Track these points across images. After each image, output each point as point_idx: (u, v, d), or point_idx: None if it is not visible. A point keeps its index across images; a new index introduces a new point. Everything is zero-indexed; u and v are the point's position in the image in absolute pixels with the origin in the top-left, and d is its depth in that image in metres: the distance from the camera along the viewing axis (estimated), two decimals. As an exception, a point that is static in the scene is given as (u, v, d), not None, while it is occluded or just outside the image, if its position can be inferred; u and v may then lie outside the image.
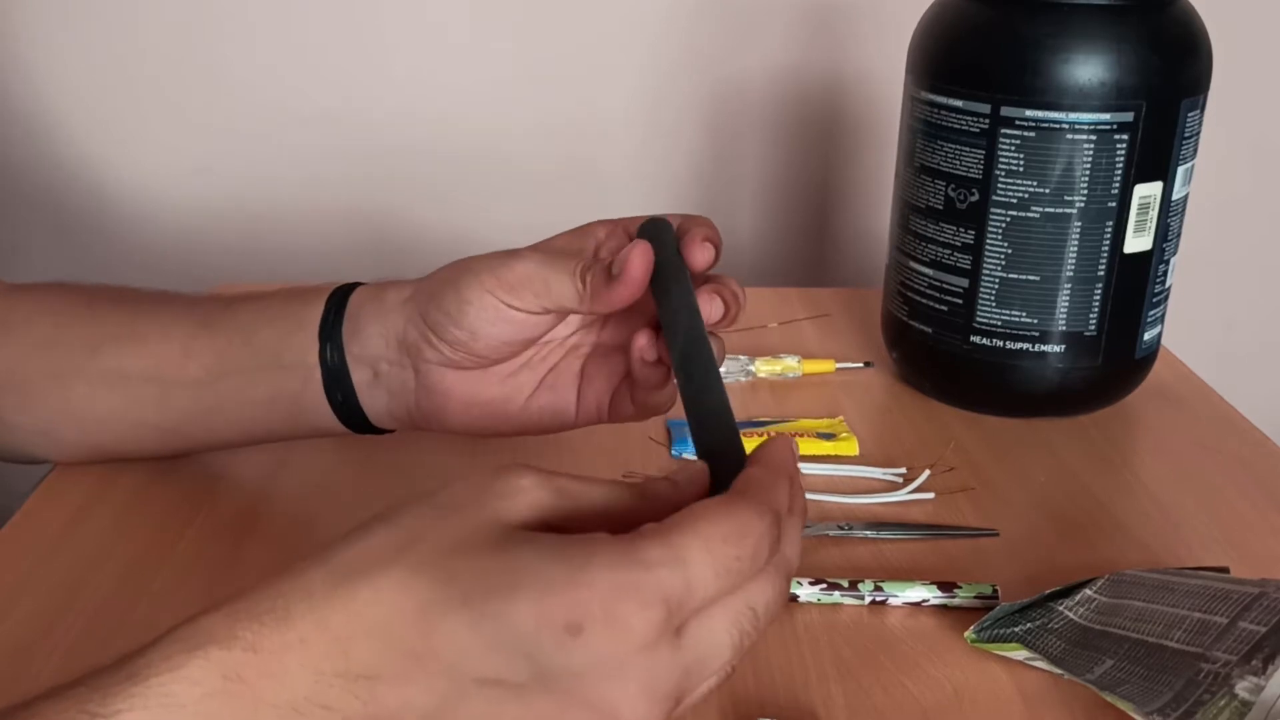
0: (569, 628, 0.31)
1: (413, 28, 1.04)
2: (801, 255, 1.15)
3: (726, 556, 0.32)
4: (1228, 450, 0.71)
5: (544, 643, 0.31)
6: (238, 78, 1.05)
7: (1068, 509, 0.64)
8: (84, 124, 1.06)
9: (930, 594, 0.55)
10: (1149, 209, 0.68)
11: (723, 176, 1.12)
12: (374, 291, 0.55)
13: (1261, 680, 0.43)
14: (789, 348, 0.81)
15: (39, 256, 1.10)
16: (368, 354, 0.54)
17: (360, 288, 0.56)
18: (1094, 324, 0.70)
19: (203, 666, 0.31)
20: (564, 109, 1.08)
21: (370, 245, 1.10)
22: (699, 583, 0.32)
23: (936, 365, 0.75)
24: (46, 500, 0.61)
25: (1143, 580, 0.52)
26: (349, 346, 0.54)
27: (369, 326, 0.54)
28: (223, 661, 0.31)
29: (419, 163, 1.08)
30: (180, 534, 0.59)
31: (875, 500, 0.64)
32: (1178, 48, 0.67)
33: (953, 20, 0.70)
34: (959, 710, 0.49)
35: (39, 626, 0.52)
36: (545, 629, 0.31)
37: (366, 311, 0.54)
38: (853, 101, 1.09)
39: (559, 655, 0.31)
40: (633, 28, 1.06)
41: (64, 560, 0.57)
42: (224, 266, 1.09)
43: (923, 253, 0.72)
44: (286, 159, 1.08)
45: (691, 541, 0.32)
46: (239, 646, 0.32)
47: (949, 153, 0.69)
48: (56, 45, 1.03)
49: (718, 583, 0.32)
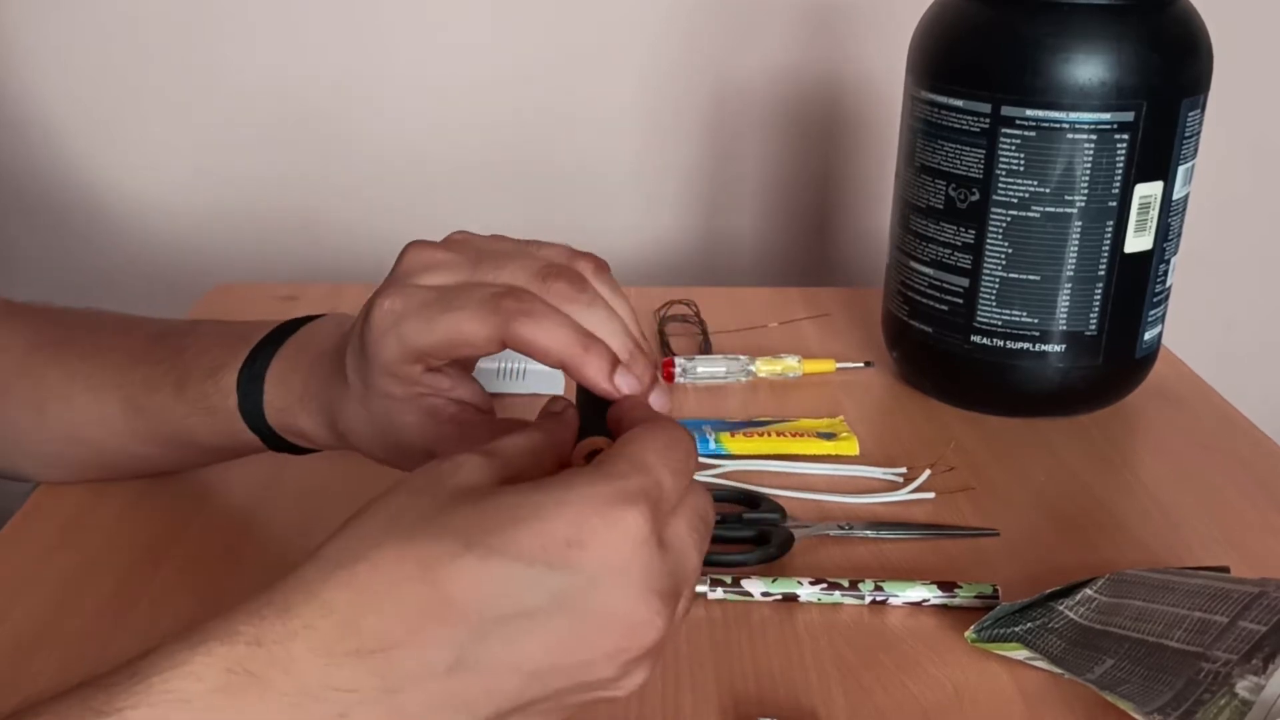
0: (570, 542, 0.33)
1: (412, 29, 1.04)
2: (801, 255, 1.15)
3: (674, 459, 0.36)
4: (1228, 450, 0.71)
5: (551, 562, 0.33)
6: (236, 79, 1.05)
7: (1068, 509, 0.64)
8: (81, 126, 1.06)
9: (931, 594, 0.55)
10: (1149, 209, 0.68)
11: (723, 176, 1.12)
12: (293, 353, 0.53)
13: (1262, 679, 0.43)
14: (789, 347, 0.81)
15: (37, 258, 1.10)
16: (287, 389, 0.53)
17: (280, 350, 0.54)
18: (1094, 324, 0.70)
19: (206, 662, 0.31)
20: (564, 109, 1.08)
21: (370, 245, 1.10)
22: (665, 482, 0.35)
23: (937, 365, 0.75)
24: (45, 502, 0.61)
25: (1143, 580, 0.52)
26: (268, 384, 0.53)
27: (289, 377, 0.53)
28: (226, 656, 0.31)
29: (419, 163, 1.08)
30: (179, 536, 0.59)
31: (875, 500, 0.64)
32: (1178, 47, 0.67)
33: (953, 20, 0.70)
34: (959, 710, 0.49)
35: (39, 626, 0.52)
36: (549, 549, 0.33)
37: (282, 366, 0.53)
38: (853, 101, 1.09)
39: (567, 571, 0.33)
40: (633, 28, 1.06)
41: (63, 561, 0.57)
42: (223, 267, 1.09)
43: (923, 252, 0.72)
44: (286, 159, 1.08)
45: (647, 452, 0.36)
46: (241, 641, 0.32)
47: (949, 152, 0.69)
48: (52, 47, 1.03)
49: (675, 481, 0.36)
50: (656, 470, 0.35)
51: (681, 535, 0.36)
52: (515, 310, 0.41)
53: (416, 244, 0.45)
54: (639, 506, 0.34)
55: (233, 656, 0.32)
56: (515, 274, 0.43)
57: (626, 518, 0.34)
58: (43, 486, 0.62)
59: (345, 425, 0.49)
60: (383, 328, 0.44)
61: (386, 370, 0.45)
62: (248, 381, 0.53)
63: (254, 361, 0.53)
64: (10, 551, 0.57)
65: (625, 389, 0.41)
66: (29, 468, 0.61)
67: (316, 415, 0.51)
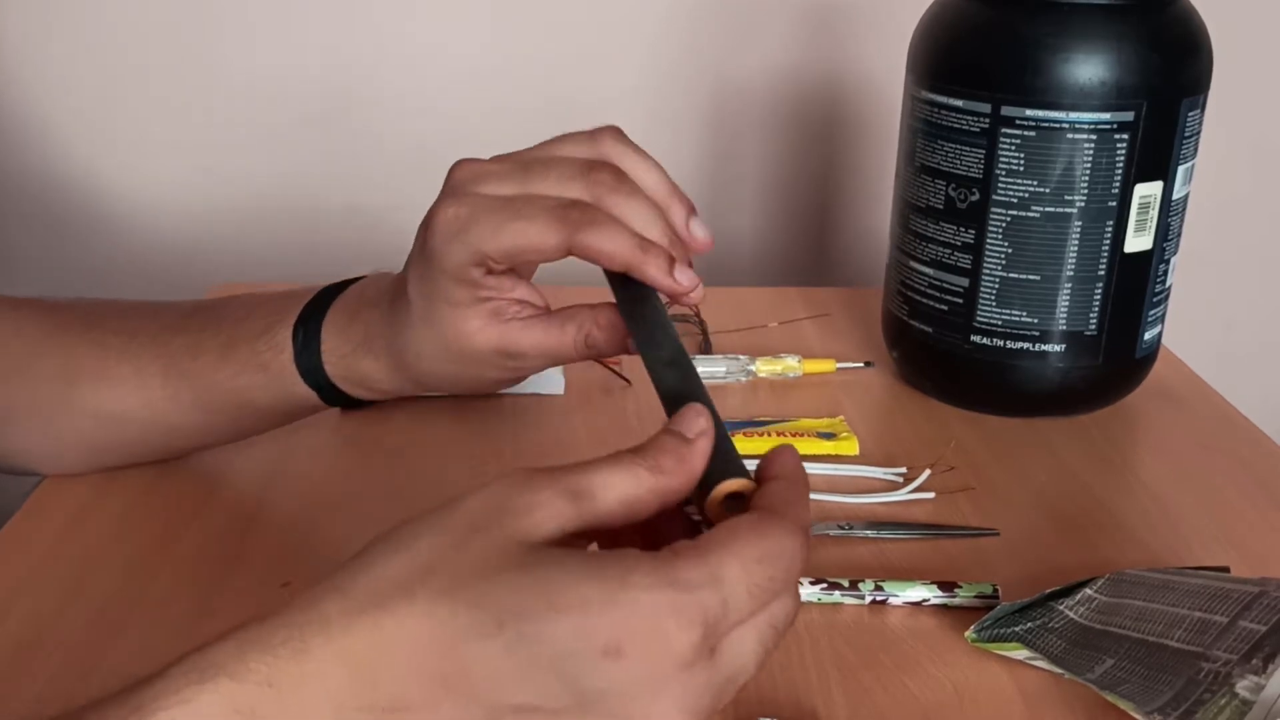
0: (608, 650, 0.30)
1: (412, 29, 1.04)
2: (801, 255, 1.15)
3: (761, 576, 0.32)
4: (1228, 450, 0.71)
5: (583, 665, 0.30)
6: (236, 78, 1.05)
7: (1068, 509, 0.64)
8: (81, 126, 1.06)
9: (931, 594, 0.55)
10: (1149, 208, 0.68)
11: (723, 176, 1.12)
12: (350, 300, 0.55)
13: (1262, 679, 0.43)
14: (789, 347, 0.81)
15: (37, 258, 1.10)
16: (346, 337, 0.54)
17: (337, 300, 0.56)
18: (1094, 323, 0.70)
19: (213, 701, 0.30)
20: (564, 109, 1.08)
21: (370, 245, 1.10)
22: (734, 603, 0.32)
23: (937, 365, 0.75)
24: (47, 500, 0.61)
25: (1143, 579, 0.52)
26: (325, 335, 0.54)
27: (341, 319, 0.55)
28: (234, 695, 0.30)
29: (419, 163, 1.08)
30: (180, 533, 0.59)
31: (876, 500, 0.64)
32: (1178, 47, 0.67)
33: (953, 20, 0.70)
34: (959, 710, 0.49)
35: (39, 626, 0.52)
36: (584, 652, 0.30)
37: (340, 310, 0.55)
38: (853, 101, 1.09)
39: (598, 678, 0.31)
40: (633, 27, 1.06)
41: (64, 560, 0.57)
42: (224, 267, 1.09)
43: (923, 252, 0.72)
44: (286, 159, 1.08)
45: (728, 561, 0.32)
46: (253, 680, 0.30)
47: (949, 152, 0.69)
48: (52, 47, 1.03)
49: (751, 603, 0.32)
50: (730, 586, 0.32)
51: (743, 650, 0.33)
52: (580, 220, 0.44)
53: (465, 160, 0.48)
54: (691, 630, 0.31)
55: (242, 697, 0.30)
56: (562, 177, 0.46)
57: (672, 640, 0.31)
58: (44, 484, 0.62)
59: (411, 357, 0.51)
60: (449, 233, 0.46)
61: (452, 275, 0.47)
62: (304, 335, 0.54)
63: (309, 316, 0.55)
64: (11, 550, 0.57)
65: (685, 282, 0.46)
66: (44, 454, 0.61)
67: (381, 355, 0.53)
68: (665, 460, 0.35)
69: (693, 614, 0.31)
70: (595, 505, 0.34)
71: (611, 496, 0.34)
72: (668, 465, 0.35)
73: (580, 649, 0.30)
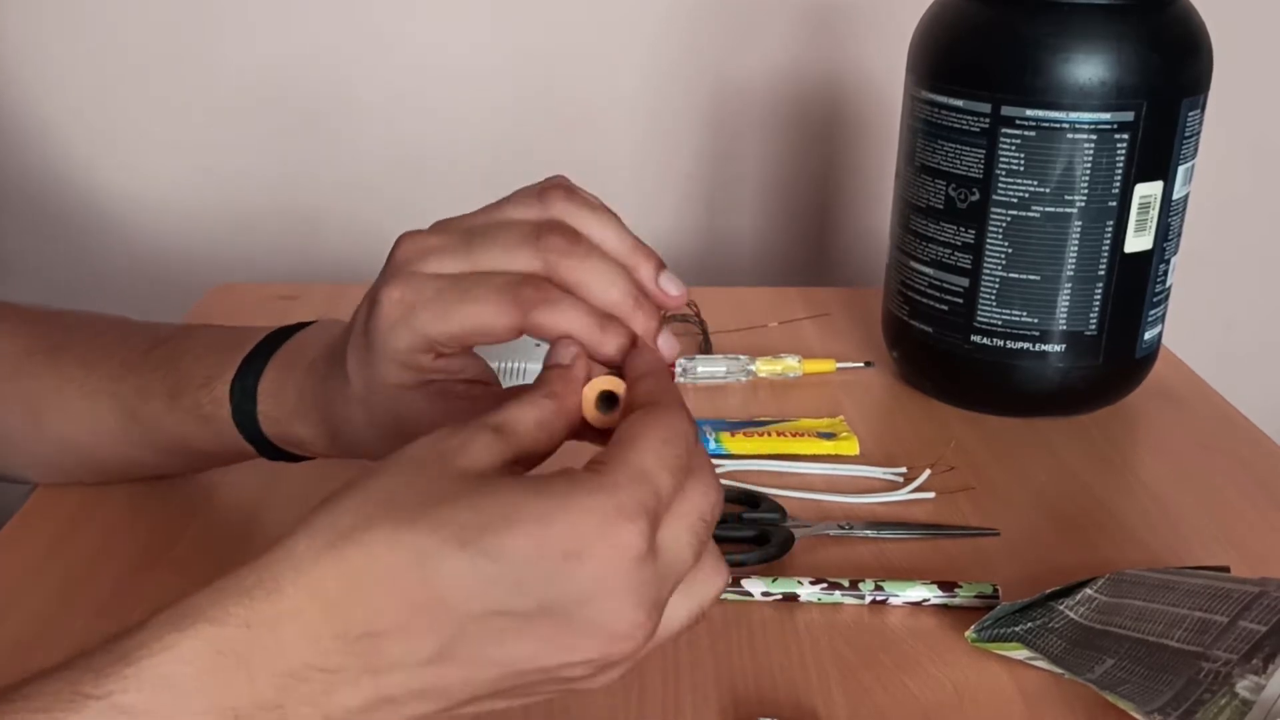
0: (568, 555, 0.33)
1: (412, 29, 1.04)
2: (801, 255, 1.15)
3: (670, 456, 0.35)
4: (1228, 450, 0.71)
5: (546, 572, 0.33)
6: (236, 78, 1.05)
7: (1068, 508, 0.64)
8: (81, 126, 1.06)
9: (931, 593, 0.55)
10: (1149, 208, 0.68)
11: (723, 176, 1.12)
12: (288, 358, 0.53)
13: (1262, 679, 0.43)
14: (789, 347, 0.81)
15: (37, 259, 1.10)
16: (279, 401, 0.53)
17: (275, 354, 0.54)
18: (1094, 323, 0.70)
19: (195, 645, 0.32)
20: (564, 109, 1.08)
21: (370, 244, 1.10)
22: (662, 486, 0.35)
23: (937, 365, 0.75)
24: (44, 502, 0.61)
25: (1143, 579, 0.52)
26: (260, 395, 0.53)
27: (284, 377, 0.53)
28: (215, 638, 0.32)
29: (419, 163, 1.08)
30: (177, 537, 0.59)
31: (876, 500, 0.64)
32: (1178, 47, 0.67)
33: (953, 20, 0.70)
34: (959, 710, 0.49)
35: (39, 626, 0.52)
36: (546, 559, 0.33)
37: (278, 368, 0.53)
38: (853, 101, 1.09)
39: (561, 582, 0.33)
40: (633, 27, 1.06)
41: (62, 562, 0.57)
42: (224, 268, 1.09)
43: (923, 252, 0.72)
44: (286, 159, 1.08)
45: (643, 453, 0.35)
46: (231, 623, 0.32)
47: (949, 152, 0.69)
48: (51, 48, 1.03)
49: (673, 480, 0.35)
50: (655, 476, 0.35)
51: (678, 540, 0.36)
52: (535, 299, 0.42)
53: (409, 234, 0.45)
54: (637, 523, 0.33)
55: (222, 638, 0.32)
56: (509, 246, 0.43)
57: (624, 535, 0.33)
58: (42, 488, 0.62)
59: (347, 429, 0.49)
60: (393, 318, 0.43)
61: (397, 360, 0.45)
62: (240, 393, 0.53)
63: (245, 373, 0.53)
64: (10, 552, 0.57)
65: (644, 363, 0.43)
66: (26, 471, 0.62)
67: (314, 424, 0.51)
68: (555, 385, 0.40)
69: (634, 508, 0.34)
70: (517, 432, 0.37)
71: (526, 422, 0.38)
72: (558, 387, 0.40)
73: (542, 555, 0.33)
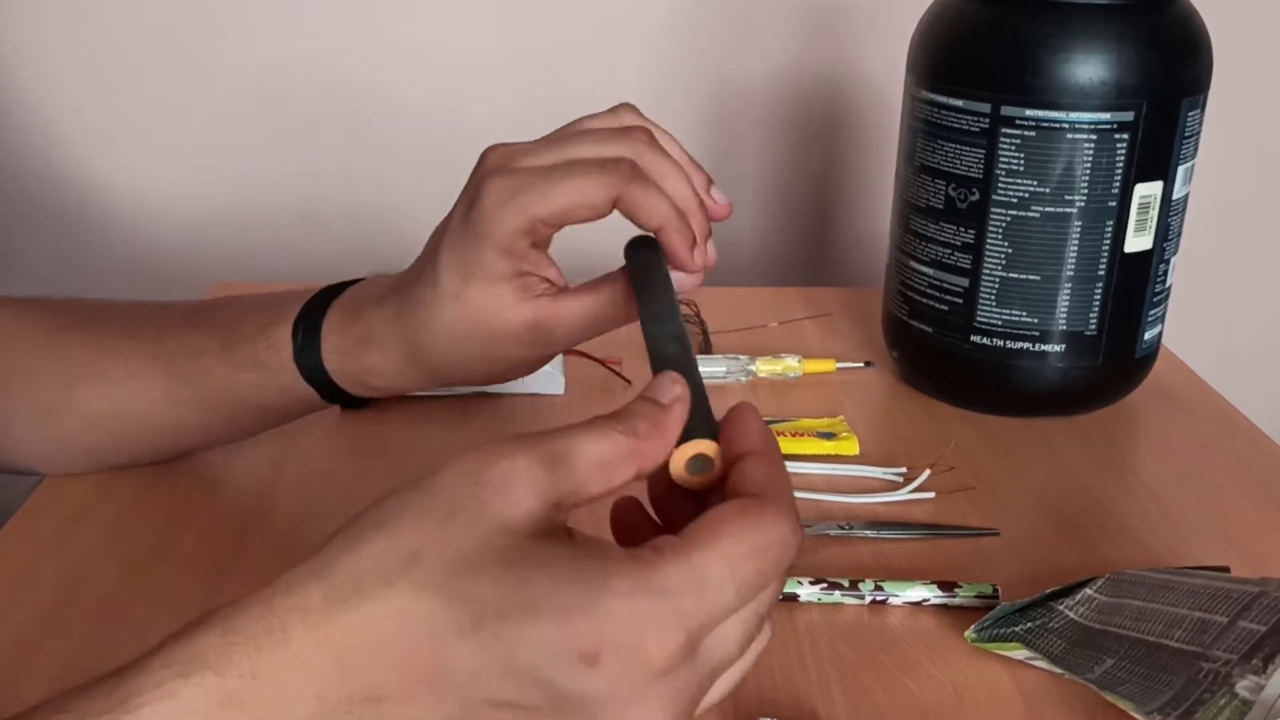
0: (584, 657, 0.30)
1: (412, 29, 1.04)
2: (801, 255, 1.15)
3: (750, 572, 0.31)
4: (1228, 450, 0.71)
5: (559, 670, 0.30)
6: (236, 77, 1.05)
7: (1068, 509, 0.64)
8: (81, 126, 1.06)
9: (931, 593, 0.55)
10: (1149, 208, 0.68)
11: (723, 176, 1.11)
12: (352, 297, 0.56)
13: (1262, 679, 0.43)
14: (789, 347, 0.81)
15: (37, 258, 1.10)
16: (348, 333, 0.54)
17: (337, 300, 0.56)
18: (1094, 323, 0.70)
19: (197, 694, 0.30)
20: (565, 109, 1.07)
21: (370, 245, 1.10)
22: (719, 604, 0.31)
23: (937, 365, 0.75)
24: (47, 499, 0.61)
25: (1143, 579, 0.52)
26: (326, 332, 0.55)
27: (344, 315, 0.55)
28: (220, 689, 0.30)
29: (419, 163, 1.08)
30: (181, 533, 0.59)
31: (876, 500, 0.64)
32: (1178, 47, 0.67)
33: (953, 20, 0.70)
34: (959, 710, 0.49)
35: (39, 626, 0.52)
36: (561, 658, 0.30)
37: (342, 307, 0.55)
38: (853, 101, 1.09)
39: (574, 683, 0.30)
40: (633, 27, 1.06)
41: (64, 559, 0.57)
42: (224, 267, 1.09)
43: (923, 252, 0.72)
44: (286, 159, 1.08)
45: (713, 560, 0.31)
46: (235, 673, 0.31)
47: (949, 152, 0.69)
48: (51, 47, 1.03)
49: (738, 600, 0.31)
50: (716, 587, 0.30)
51: (726, 642, 0.32)
52: (631, 175, 0.46)
53: (494, 145, 0.49)
54: (671, 637, 0.30)
55: (227, 691, 0.30)
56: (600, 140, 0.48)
57: (650, 649, 0.30)
58: (44, 485, 0.62)
59: (432, 338, 0.51)
60: (500, 200, 0.47)
61: (500, 245, 0.48)
62: (304, 332, 0.54)
63: (309, 314, 0.55)
64: (11, 549, 0.57)
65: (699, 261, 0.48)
66: (42, 454, 0.61)
67: (389, 348, 0.53)
68: (641, 424, 0.34)
69: (672, 621, 0.30)
70: (571, 471, 0.33)
71: (586, 461, 0.33)
72: (643, 429, 0.34)
73: (557, 654, 0.30)
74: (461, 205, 0.50)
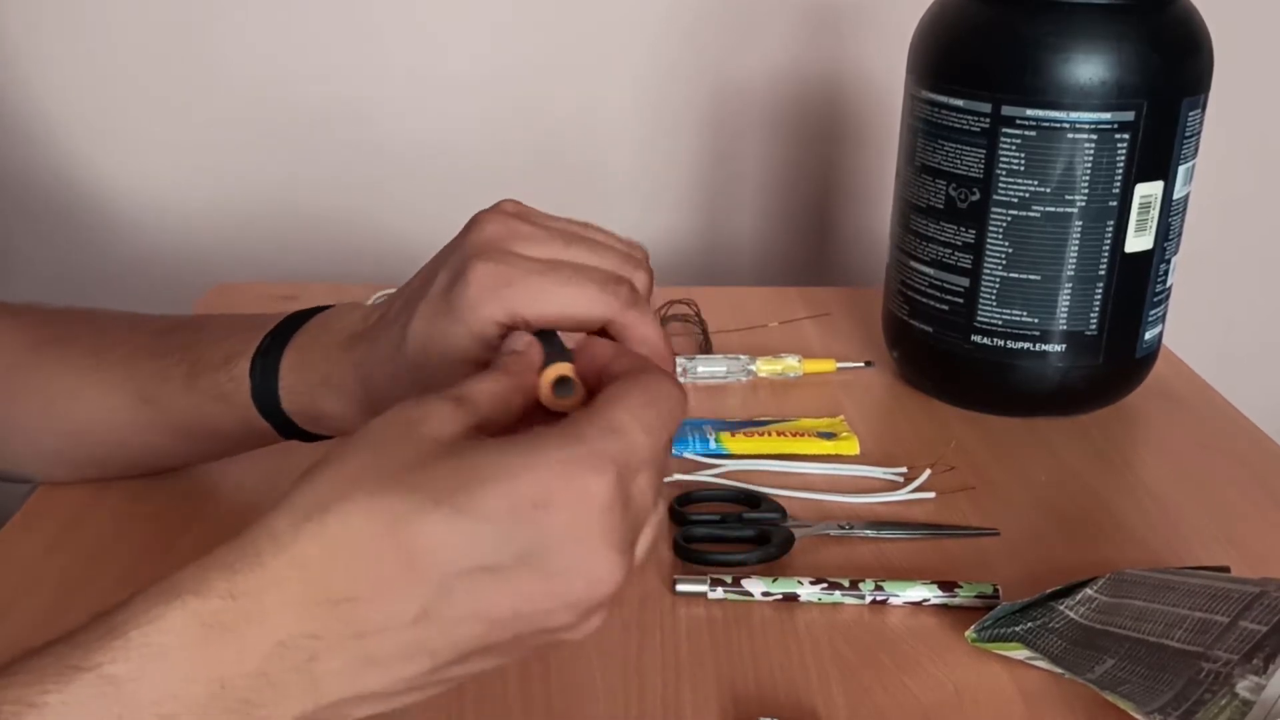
0: (537, 504, 0.34)
1: (412, 29, 1.04)
2: (802, 255, 1.15)
3: (650, 418, 0.36)
4: (1228, 449, 0.71)
5: (518, 522, 0.34)
6: (236, 78, 1.05)
7: (1068, 508, 0.64)
8: (81, 126, 1.06)
9: (931, 593, 0.55)
10: (1150, 208, 0.68)
11: (723, 176, 1.12)
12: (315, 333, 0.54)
13: (1262, 679, 0.43)
14: (789, 347, 0.81)
15: (37, 259, 1.10)
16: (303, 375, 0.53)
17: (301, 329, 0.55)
18: (1095, 323, 0.70)
19: (181, 616, 0.32)
20: (564, 109, 1.08)
21: (370, 245, 1.10)
22: (633, 444, 0.36)
23: (937, 364, 0.75)
24: (45, 502, 0.61)
25: (1143, 579, 0.52)
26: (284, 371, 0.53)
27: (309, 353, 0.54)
28: (200, 610, 0.32)
29: (419, 163, 1.08)
30: (178, 536, 0.59)
31: (876, 500, 0.64)
32: (1178, 47, 0.67)
33: (953, 20, 0.70)
34: (960, 709, 0.49)
35: (39, 626, 0.52)
36: (516, 509, 0.33)
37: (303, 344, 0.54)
38: (853, 101, 1.09)
39: (532, 530, 0.34)
40: (633, 28, 1.06)
41: (63, 561, 0.57)
42: (223, 267, 1.09)
43: (923, 252, 0.72)
44: (286, 159, 1.08)
45: (618, 411, 0.36)
46: (215, 595, 0.33)
47: (950, 152, 0.69)
48: (52, 47, 1.03)
49: (648, 440, 0.36)
50: (629, 433, 0.36)
51: (643, 489, 0.37)
52: (630, 300, 0.44)
53: (490, 213, 0.47)
54: (607, 474, 0.34)
55: (207, 610, 0.32)
56: (601, 248, 0.46)
57: (593, 484, 0.34)
58: (43, 487, 0.62)
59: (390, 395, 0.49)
60: (486, 288, 0.45)
61: (473, 331, 0.45)
62: (261, 369, 0.54)
63: (267, 350, 0.54)
64: (10, 551, 0.57)
65: None
66: (32, 466, 0.61)
67: (345, 395, 0.52)
68: (509, 363, 0.41)
69: (602, 461, 0.35)
70: (475, 402, 0.38)
71: (483, 394, 0.38)
72: (512, 365, 0.41)
73: (514, 507, 0.34)
74: (444, 277, 0.46)
